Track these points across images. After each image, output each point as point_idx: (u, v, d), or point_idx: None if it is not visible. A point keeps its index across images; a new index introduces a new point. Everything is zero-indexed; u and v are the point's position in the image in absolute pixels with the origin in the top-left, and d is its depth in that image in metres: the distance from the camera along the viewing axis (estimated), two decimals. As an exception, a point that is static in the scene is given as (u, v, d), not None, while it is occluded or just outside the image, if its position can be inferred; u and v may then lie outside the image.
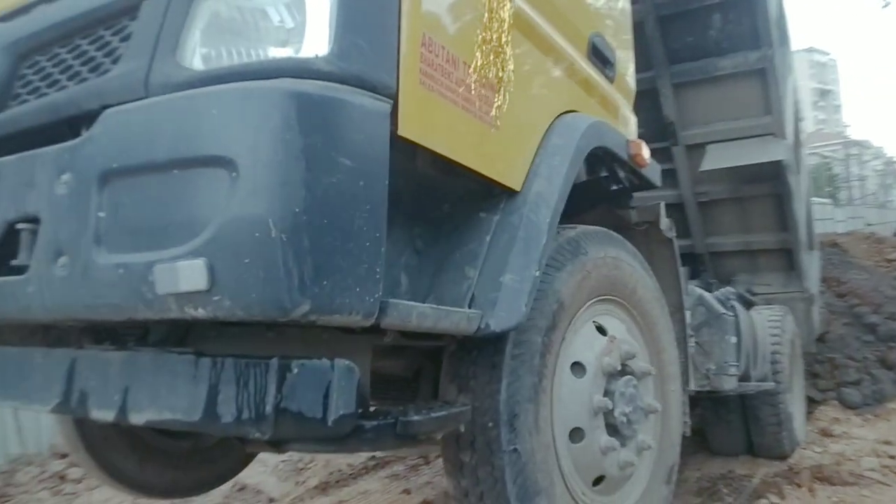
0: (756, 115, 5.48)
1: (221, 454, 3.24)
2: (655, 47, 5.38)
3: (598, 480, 1.95)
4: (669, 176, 5.96)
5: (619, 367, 1.99)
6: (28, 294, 1.32)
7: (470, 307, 1.55)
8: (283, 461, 5.63)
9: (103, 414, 1.30)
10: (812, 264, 6.71)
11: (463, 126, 1.51)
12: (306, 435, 1.20)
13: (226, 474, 3.29)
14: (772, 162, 5.24)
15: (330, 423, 1.17)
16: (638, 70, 5.68)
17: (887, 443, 4.88)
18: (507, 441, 1.65)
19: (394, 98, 1.30)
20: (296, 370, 1.15)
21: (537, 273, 1.62)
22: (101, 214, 1.22)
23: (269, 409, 1.13)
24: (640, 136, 6.17)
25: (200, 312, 1.11)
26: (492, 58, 1.46)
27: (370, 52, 1.26)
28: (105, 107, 1.33)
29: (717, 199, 5.88)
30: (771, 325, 4.85)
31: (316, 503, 4.76)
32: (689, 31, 5.38)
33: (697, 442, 5.36)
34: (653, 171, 2.55)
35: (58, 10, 1.53)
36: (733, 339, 3.49)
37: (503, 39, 1.47)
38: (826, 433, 5.26)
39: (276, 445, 1.37)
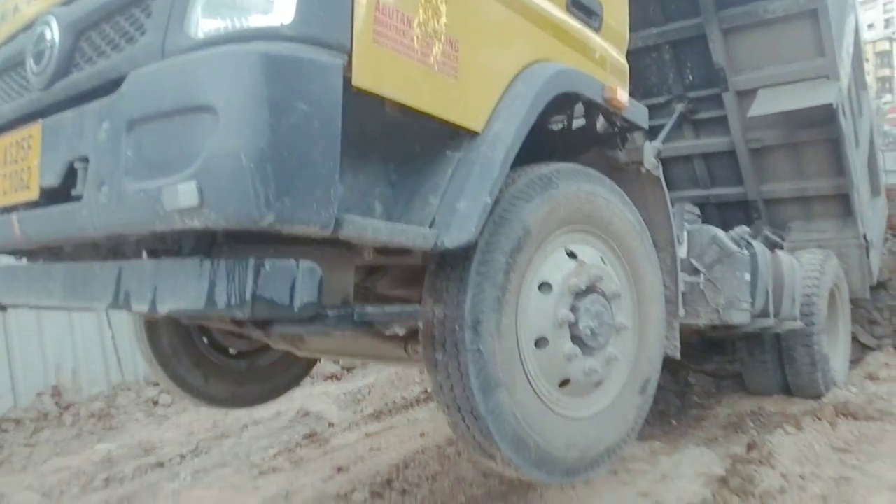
0: (808, 58, 5.39)
1: (274, 373, 3.74)
2: (703, -7, 5.35)
3: (565, 383, 2.25)
4: (720, 123, 5.97)
5: (585, 287, 2.26)
6: (83, 216, 1.74)
7: (430, 228, 1.87)
8: (344, 393, 6.20)
9: (140, 307, 1.70)
10: (874, 211, 6.55)
11: (419, 76, 1.80)
12: (279, 316, 1.57)
13: (278, 390, 3.79)
14: (823, 105, 5.15)
15: (296, 309, 1.54)
16: (685, 16, 5.74)
17: (931, 386, 4.86)
18: (470, 342, 1.97)
19: (348, 54, 1.61)
20: (268, 267, 1.52)
21: (488, 200, 1.91)
22: (129, 153, 1.62)
23: (248, 296, 1.50)
24: (690, 84, 6.19)
25: (196, 223, 1.49)
26: (430, 13, 1.75)
27: (327, 18, 1.58)
28: None
29: (770, 145, 5.83)
30: (809, 268, 4.88)
31: (370, 427, 5.26)
32: None
33: (737, 384, 5.51)
34: (637, 113, 2.73)
35: (104, -5, 1.92)
36: (746, 277, 3.63)
37: (439, -1, 1.76)
38: (871, 376, 5.27)
39: (262, 327, 1.75)
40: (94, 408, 5.92)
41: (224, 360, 3.55)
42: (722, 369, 5.91)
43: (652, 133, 5.70)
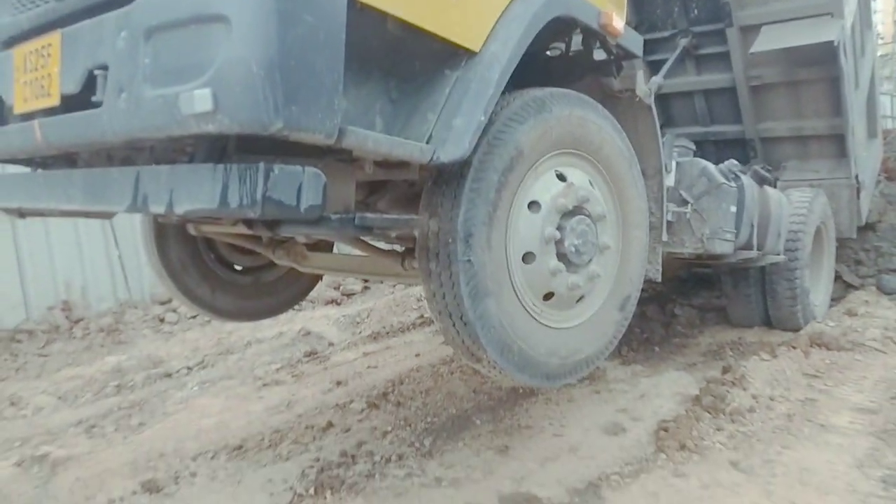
0: (814, -7, 5.36)
1: (278, 289, 3.93)
2: (712, -75, 5.29)
3: (549, 296, 2.42)
4: (723, 59, 5.99)
5: (572, 208, 2.39)
6: (103, 122, 1.86)
7: (427, 144, 1.99)
8: (343, 316, 6.43)
9: (157, 208, 1.83)
10: (870, 153, 6.62)
11: (421, -5, 1.90)
12: (286, 216, 1.71)
13: (282, 306, 3.99)
14: (825, 43, 5.16)
15: (302, 210, 1.68)
16: (695, -51, 5.63)
17: (905, 322, 5.07)
18: (462, 253, 2.12)
19: (352, -31, 1.70)
20: (277, 171, 1.65)
21: (483, 118, 2.02)
22: (147, 60, 1.72)
23: (258, 196, 1.64)
24: (694, 19, 6.18)
25: (210, 128, 1.61)
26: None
27: (333, -66, 1.66)
28: None
29: (770, 83, 5.86)
30: (797, 205, 5.01)
31: (367, 347, 5.50)
32: None
33: (721, 316, 5.73)
34: (632, 40, 2.80)
35: None
36: (732, 209, 3.77)
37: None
38: (850, 312, 5.48)
39: (271, 227, 1.90)
40: (103, 323, 6.16)
41: (230, 275, 3.72)
42: (708, 303, 6.12)
43: (655, 68, 5.76)
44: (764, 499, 2.76)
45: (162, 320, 6.41)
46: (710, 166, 3.81)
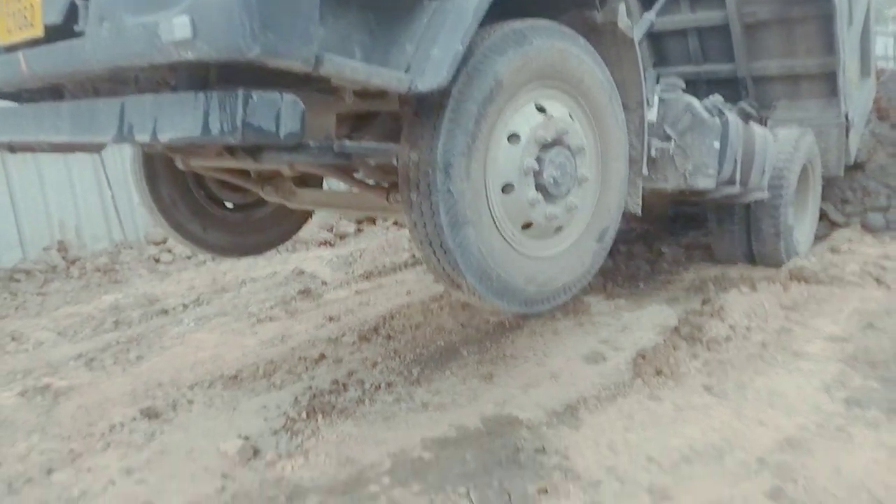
0: (812, -71, 5.28)
1: (268, 226, 4.01)
2: None
3: (527, 226, 2.50)
4: (717, -5, 5.91)
5: (551, 140, 2.45)
6: (86, 51, 1.89)
7: (406, 73, 2.03)
8: (336, 257, 6.52)
9: (142, 137, 1.89)
10: (862, 91, 6.61)
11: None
12: (266, 142, 1.77)
13: (272, 242, 4.08)
14: None
15: (282, 136, 1.74)
16: None
17: (886, 257, 5.17)
18: (441, 182, 2.19)
19: None
20: (255, 98, 1.70)
21: (460, 48, 2.05)
22: (127, -11, 1.76)
23: (238, 123, 1.69)
24: (692, -46, 6.03)
25: (190, 55, 1.65)
26: None
27: None
28: None
29: (764, 20, 5.81)
30: (783, 143, 5.06)
31: (360, 286, 5.61)
32: None
33: (706, 254, 5.84)
34: (613, -27, 2.81)
35: None
36: (716, 144, 3.81)
37: None
38: (833, 249, 5.57)
39: (254, 154, 1.96)
40: (99, 263, 6.26)
41: (221, 212, 3.80)
42: (695, 241, 6.22)
43: (648, 4, 5.69)
44: (734, 419, 2.90)
45: (157, 260, 6.50)
46: (695, 102, 3.84)
